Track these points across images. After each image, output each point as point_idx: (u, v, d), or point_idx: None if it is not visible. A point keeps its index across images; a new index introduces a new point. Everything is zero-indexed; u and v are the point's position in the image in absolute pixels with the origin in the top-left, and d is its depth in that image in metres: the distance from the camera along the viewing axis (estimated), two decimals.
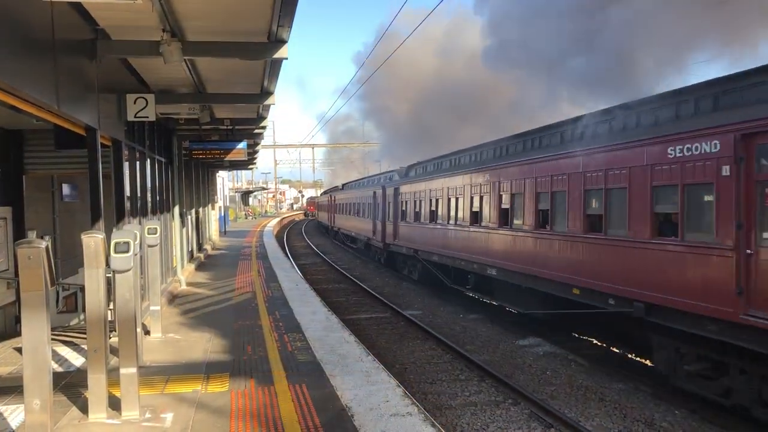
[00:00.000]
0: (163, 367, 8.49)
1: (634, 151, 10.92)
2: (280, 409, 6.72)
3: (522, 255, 14.94)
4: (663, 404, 10.20)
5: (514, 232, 15.41)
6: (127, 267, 6.55)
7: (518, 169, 15.39)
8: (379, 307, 19.48)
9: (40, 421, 5.07)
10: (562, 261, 13.06)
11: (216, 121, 17.58)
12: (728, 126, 8.96)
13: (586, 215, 12.39)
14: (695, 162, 9.53)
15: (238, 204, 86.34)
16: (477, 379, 11.62)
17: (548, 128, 15.53)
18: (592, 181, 12.15)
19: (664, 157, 10.13)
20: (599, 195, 11.93)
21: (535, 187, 14.33)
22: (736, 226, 8.75)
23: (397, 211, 26.66)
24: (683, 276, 9.73)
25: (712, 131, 9.26)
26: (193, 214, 23.87)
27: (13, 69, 5.95)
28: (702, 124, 9.62)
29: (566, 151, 13.27)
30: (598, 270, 11.82)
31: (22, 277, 5.03)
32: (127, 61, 11.17)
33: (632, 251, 10.86)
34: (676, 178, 9.93)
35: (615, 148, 11.50)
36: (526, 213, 14.81)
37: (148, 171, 13.88)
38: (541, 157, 14.38)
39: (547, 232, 13.78)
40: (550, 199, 13.68)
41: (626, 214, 11.05)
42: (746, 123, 8.70)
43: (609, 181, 11.58)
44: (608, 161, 11.64)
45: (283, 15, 8.52)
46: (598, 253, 11.86)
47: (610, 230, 11.61)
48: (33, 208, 13.74)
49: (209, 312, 12.93)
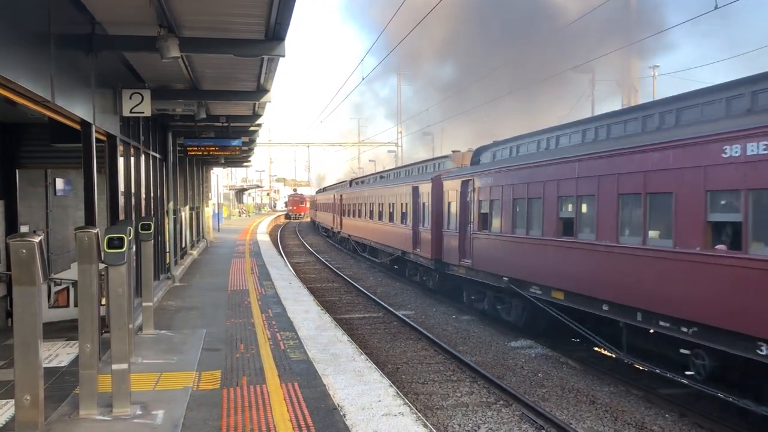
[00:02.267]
0: (155, 363, 8.45)
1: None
2: (272, 407, 6.70)
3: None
4: (654, 408, 10.23)
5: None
6: (121, 262, 6.52)
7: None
8: (372, 306, 19.48)
9: (31, 417, 5.03)
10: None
11: (212, 117, 17.52)
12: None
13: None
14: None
15: (233, 201, 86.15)
16: (469, 380, 11.62)
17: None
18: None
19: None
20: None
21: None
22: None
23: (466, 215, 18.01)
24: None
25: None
26: (187, 210, 23.80)
27: (9, 60, 5.91)
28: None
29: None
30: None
31: (14, 271, 4.99)
32: (123, 56, 11.12)
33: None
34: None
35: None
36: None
37: (142, 167, 13.82)
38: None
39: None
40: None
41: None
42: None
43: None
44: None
45: (281, 12, 8.50)
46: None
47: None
48: (26, 203, 13.65)
49: (202, 309, 12.89)
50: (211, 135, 20.34)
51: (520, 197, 14.80)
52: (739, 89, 9.87)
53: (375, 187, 31.68)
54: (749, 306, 8.51)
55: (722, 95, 10.18)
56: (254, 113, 18.21)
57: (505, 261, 15.48)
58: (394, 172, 33.10)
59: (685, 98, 11.11)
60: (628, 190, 11.12)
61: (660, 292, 10.10)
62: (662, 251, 10.18)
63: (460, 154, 22.35)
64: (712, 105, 10.35)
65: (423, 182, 22.07)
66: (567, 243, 12.86)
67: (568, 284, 12.66)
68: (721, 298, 9.01)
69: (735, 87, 9.99)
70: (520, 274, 14.59)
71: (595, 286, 11.79)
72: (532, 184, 14.28)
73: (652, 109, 11.95)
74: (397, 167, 36.81)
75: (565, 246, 12.91)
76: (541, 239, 13.83)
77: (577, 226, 12.59)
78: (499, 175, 16.13)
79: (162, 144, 17.26)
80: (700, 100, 10.72)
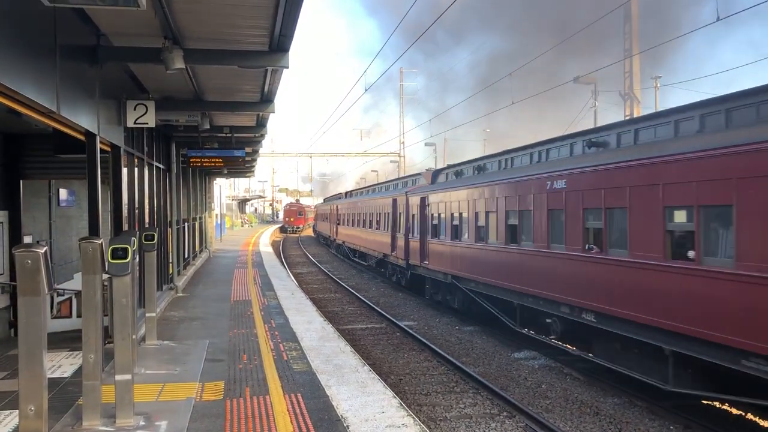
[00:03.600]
0: (158, 374, 8.44)
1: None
2: (275, 418, 6.68)
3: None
4: (658, 419, 10.17)
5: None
6: (125, 273, 6.53)
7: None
8: (375, 317, 19.44)
9: (35, 427, 5.02)
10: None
11: (215, 128, 17.58)
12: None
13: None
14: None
15: (235, 212, 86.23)
16: (472, 392, 11.58)
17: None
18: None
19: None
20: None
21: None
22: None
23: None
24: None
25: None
26: (190, 221, 23.84)
27: (15, 71, 5.95)
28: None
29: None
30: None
31: (19, 282, 5.00)
32: (128, 67, 11.18)
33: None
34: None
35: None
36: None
37: (146, 177, 13.87)
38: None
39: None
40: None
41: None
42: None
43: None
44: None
45: (285, 24, 8.54)
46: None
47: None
48: (30, 213, 13.69)
49: (205, 319, 12.88)
50: (214, 146, 20.38)
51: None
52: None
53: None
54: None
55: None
56: (258, 124, 18.27)
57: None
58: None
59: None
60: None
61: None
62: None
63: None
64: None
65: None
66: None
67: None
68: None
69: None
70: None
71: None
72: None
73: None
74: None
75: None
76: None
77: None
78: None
79: (165, 154, 17.32)
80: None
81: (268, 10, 8.04)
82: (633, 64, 30.02)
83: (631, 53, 29.34)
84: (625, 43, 30.33)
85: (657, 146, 10.56)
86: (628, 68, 30.27)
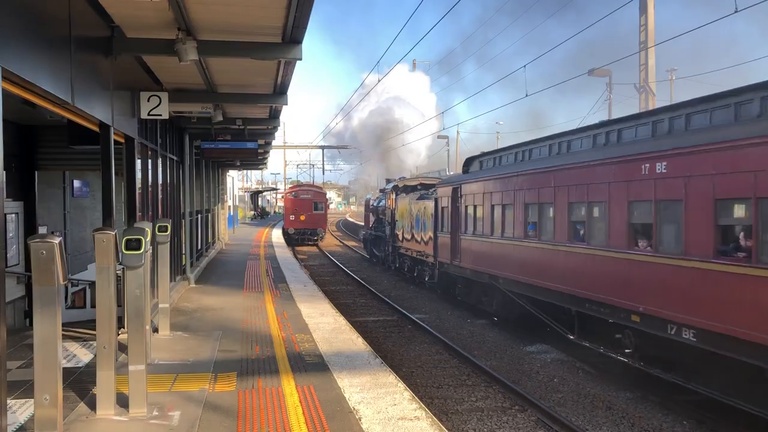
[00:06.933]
0: (171, 364, 8.49)
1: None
2: (288, 409, 6.70)
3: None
4: (671, 414, 10.12)
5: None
6: (139, 264, 6.56)
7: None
8: (387, 310, 19.46)
9: (50, 416, 5.07)
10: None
11: (228, 120, 17.61)
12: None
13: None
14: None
15: (248, 204, 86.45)
16: (484, 385, 11.57)
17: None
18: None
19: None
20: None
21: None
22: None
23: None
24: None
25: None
26: (203, 212, 23.93)
27: (30, 63, 5.97)
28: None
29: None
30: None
31: (34, 272, 5.04)
32: (141, 58, 11.20)
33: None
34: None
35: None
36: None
37: (159, 169, 13.91)
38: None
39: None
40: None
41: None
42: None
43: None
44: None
45: (298, 16, 8.52)
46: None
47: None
48: (44, 204, 13.81)
49: (217, 310, 12.94)
50: (227, 138, 20.42)
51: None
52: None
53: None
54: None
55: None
56: (271, 116, 18.28)
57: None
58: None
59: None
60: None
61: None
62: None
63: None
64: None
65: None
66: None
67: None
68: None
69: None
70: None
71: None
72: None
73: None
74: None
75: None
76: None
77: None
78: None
79: (179, 146, 17.36)
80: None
81: (281, 1, 8.02)
82: (648, 57, 29.78)
83: (647, 45, 29.09)
84: (640, 36, 30.07)
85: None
86: (643, 60, 30.02)
